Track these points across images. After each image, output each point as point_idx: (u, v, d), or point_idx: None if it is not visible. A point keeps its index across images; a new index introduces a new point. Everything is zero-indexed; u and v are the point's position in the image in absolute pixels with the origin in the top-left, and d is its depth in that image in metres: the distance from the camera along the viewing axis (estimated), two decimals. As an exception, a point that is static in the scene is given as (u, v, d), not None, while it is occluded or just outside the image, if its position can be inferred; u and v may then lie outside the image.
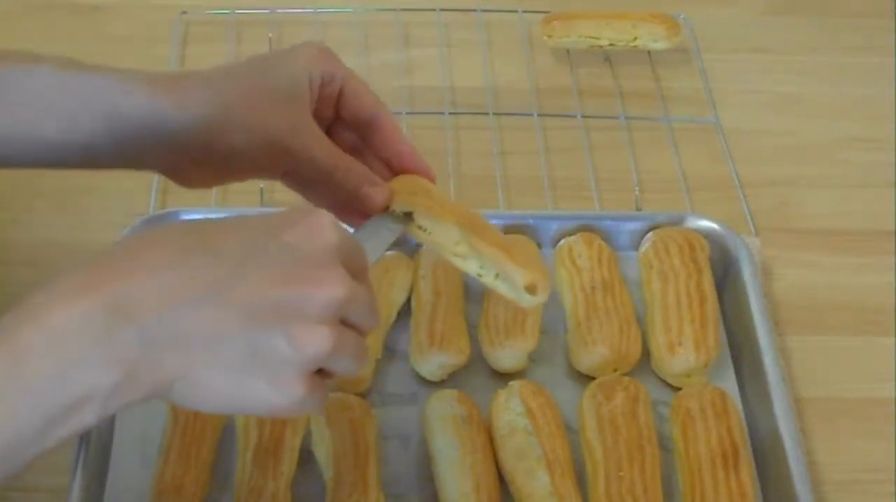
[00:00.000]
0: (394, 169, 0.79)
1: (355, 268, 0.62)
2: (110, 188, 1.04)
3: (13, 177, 1.05)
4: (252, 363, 0.58)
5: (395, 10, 1.22)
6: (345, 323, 0.60)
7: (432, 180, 0.79)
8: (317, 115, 0.76)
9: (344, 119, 0.78)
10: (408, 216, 0.76)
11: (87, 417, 0.56)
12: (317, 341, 0.58)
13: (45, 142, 0.73)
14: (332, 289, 0.59)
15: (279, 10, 1.21)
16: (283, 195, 1.02)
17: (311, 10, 1.22)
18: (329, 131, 0.78)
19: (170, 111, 0.71)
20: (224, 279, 0.57)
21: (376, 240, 0.73)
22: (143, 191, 1.02)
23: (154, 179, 1.03)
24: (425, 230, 0.76)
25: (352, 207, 0.76)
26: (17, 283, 0.96)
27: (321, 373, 0.60)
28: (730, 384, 0.89)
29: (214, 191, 1.02)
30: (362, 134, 0.78)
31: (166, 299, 0.56)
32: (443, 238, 0.76)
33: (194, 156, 0.73)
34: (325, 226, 0.60)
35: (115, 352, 0.56)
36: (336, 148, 0.76)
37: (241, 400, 0.59)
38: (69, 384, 0.55)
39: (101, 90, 0.72)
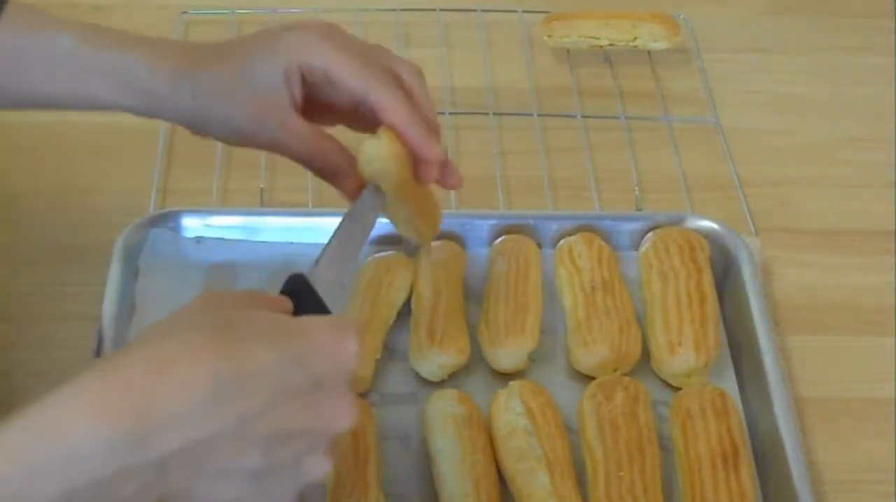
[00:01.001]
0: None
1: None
2: (110, 188, 1.04)
3: (13, 178, 1.05)
4: (254, 487, 0.58)
5: (395, 10, 1.22)
6: None
7: (432, 158, 0.76)
8: (313, 101, 0.77)
9: (339, 106, 0.78)
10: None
11: None
12: (318, 470, 0.60)
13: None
14: (345, 419, 0.60)
15: (279, 10, 1.21)
16: (282, 196, 1.03)
17: (312, 10, 1.22)
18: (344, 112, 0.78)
19: (165, 93, 0.77)
20: (250, 416, 0.57)
21: (364, 223, 0.75)
22: (143, 191, 1.02)
23: (154, 179, 1.03)
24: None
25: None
26: (17, 283, 0.96)
27: None
28: (730, 384, 0.89)
29: (214, 192, 1.02)
30: (367, 113, 0.77)
31: (191, 432, 0.56)
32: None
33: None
34: (351, 355, 0.61)
35: (131, 477, 0.55)
36: (314, 136, 0.77)
37: None
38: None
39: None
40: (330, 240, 0.73)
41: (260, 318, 0.61)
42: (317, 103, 0.78)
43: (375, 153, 0.74)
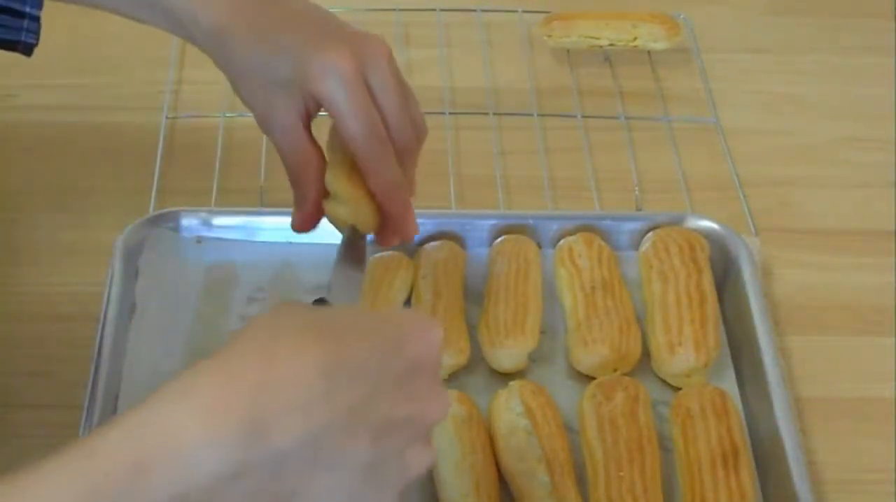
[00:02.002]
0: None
1: None
2: (110, 188, 1.04)
3: (13, 177, 1.05)
4: (364, 483, 0.57)
5: (395, 10, 1.22)
6: None
7: (408, 234, 0.82)
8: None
9: None
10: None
11: None
12: (422, 461, 0.59)
13: None
14: (442, 407, 0.60)
15: (279, 10, 1.21)
16: (282, 196, 1.02)
17: (311, 10, 1.22)
18: None
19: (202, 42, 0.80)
20: (361, 403, 0.56)
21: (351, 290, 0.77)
22: (143, 191, 1.02)
23: (154, 179, 1.03)
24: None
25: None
26: (18, 283, 0.96)
27: None
28: (730, 384, 0.89)
29: (214, 192, 1.02)
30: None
31: (306, 424, 0.54)
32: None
33: None
34: (437, 341, 0.60)
35: (247, 474, 0.53)
36: (306, 153, 0.79)
37: None
38: None
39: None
40: (335, 264, 0.76)
41: (345, 312, 0.61)
42: None
43: (348, 218, 0.79)
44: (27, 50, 0.86)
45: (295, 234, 0.95)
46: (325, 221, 0.83)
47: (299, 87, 0.76)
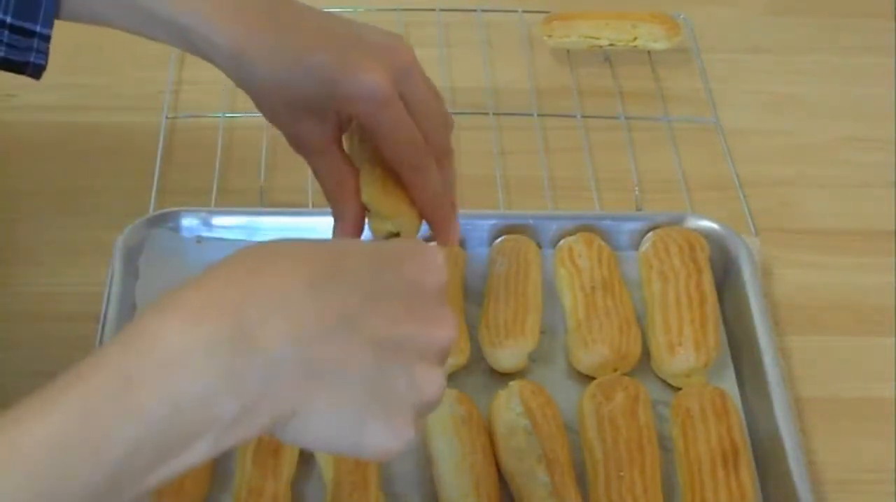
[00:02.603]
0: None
1: None
2: (110, 188, 1.04)
3: (13, 178, 1.05)
4: (372, 402, 0.55)
5: (395, 10, 1.22)
6: None
7: (452, 238, 0.80)
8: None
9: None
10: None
11: (198, 454, 0.52)
12: (435, 384, 0.56)
13: None
14: (449, 330, 0.58)
15: (279, 10, 1.21)
16: (282, 196, 1.03)
17: (311, 10, 1.21)
18: None
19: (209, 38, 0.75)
20: (354, 311, 0.54)
21: None
22: (143, 191, 1.02)
23: (154, 179, 1.03)
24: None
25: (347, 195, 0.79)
26: (17, 283, 0.96)
27: None
28: (730, 384, 0.89)
29: (214, 192, 1.02)
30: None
31: (294, 328, 0.53)
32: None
33: None
34: (440, 264, 0.59)
35: (237, 383, 0.51)
36: (341, 173, 0.77)
37: (356, 439, 0.55)
38: (183, 417, 0.50)
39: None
40: None
41: (344, 241, 0.62)
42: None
43: (392, 228, 0.77)
44: (36, 72, 0.82)
45: (296, 234, 0.95)
46: (325, 221, 0.83)
47: (329, 108, 0.75)
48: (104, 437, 0.50)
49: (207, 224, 0.96)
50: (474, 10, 1.23)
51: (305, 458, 0.83)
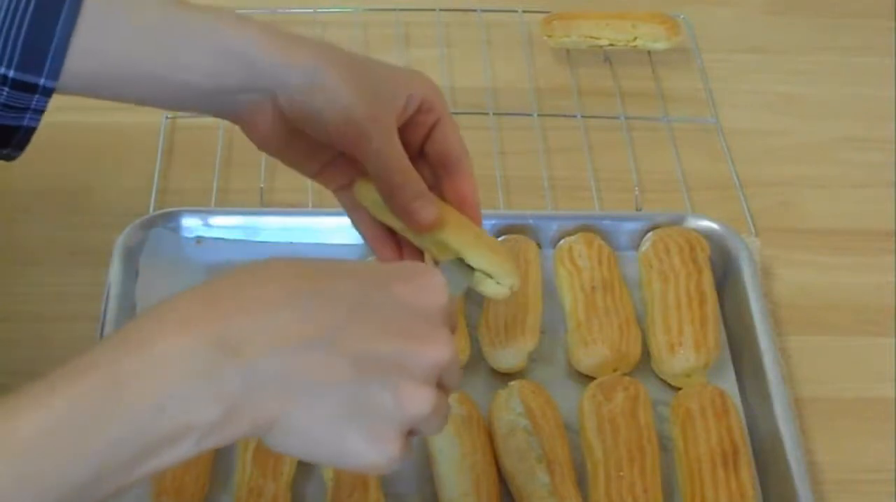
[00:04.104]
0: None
1: (453, 330, 0.62)
2: (110, 188, 1.04)
3: (13, 177, 1.05)
4: (353, 415, 0.56)
5: (395, 10, 1.22)
6: (439, 384, 0.60)
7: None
8: (403, 137, 0.75)
9: (427, 154, 0.78)
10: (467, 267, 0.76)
11: (182, 451, 0.54)
12: (420, 401, 0.57)
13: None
14: (440, 349, 0.58)
15: (279, 11, 1.21)
16: (282, 196, 1.03)
17: (311, 10, 1.22)
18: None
19: (276, 64, 0.73)
20: (335, 325, 0.56)
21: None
22: (143, 191, 1.02)
23: (154, 179, 1.03)
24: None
25: (386, 234, 0.78)
26: (18, 283, 0.96)
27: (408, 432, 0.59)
28: (730, 384, 0.89)
29: (214, 192, 1.02)
30: (439, 173, 0.77)
31: (276, 340, 0.55)
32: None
33: (274, 111, 0.74)
34: (438, 286, 0.60)
35: (219, 388, 0.54)
36: (405, 156, 0.75)
37: (337, 451, 0.57)
38: (168, 417, 0.53)
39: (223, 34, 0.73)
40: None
41: (339, 261, 0.62)
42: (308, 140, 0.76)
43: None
44: (22, 141, 0.76)
45: (296, 234, 0.95)
46: (325, 221, 0.83)
47: (405, 94, 0.76)
48: (90, 433, 0.52)
49: (207, 224, 0.96)
50: (474, 10, 1.23)
51: (305, 458, 0.83)
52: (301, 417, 0.55)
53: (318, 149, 0.77)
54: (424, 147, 0.78)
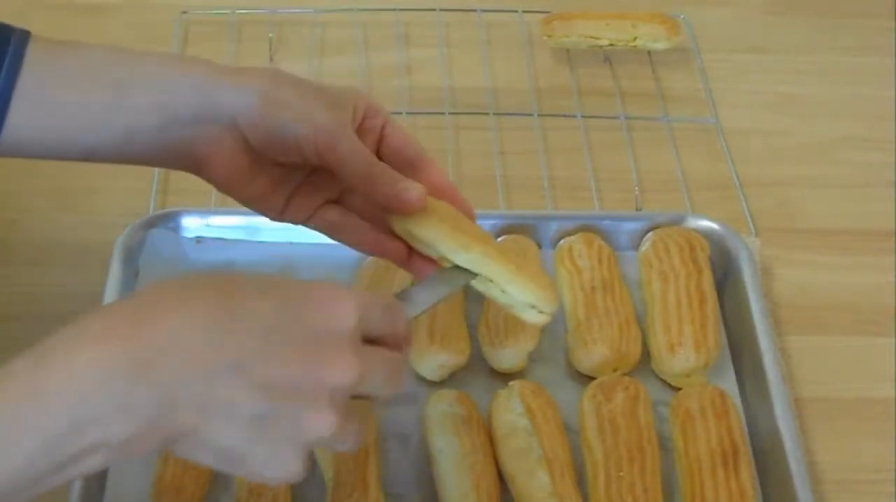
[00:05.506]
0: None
1: (387, 336, 0.64)
2: (110, 188, 1.04)
3: (13, 178, 1.05)
4: (258, 436, 0.59)
5: (395, 10, 1.22)
6: (359, 395, 0.62)
7: (472, 217, 0.78)
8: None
9: (385, 157, 0.77)
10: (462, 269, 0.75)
11: (97, 462, 0.57)
12: (319, 426, 0.60)
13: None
14: (342, 373, 0.60)
15: (279, 11, 1.21)
16: (283, 195, 1.03)
17: (312, 10, 1.22)
18: None
19: (228, 88, 0.73)
20: (246, 355, 0.58)
21: (429, 292, 0.73)
22: (143, 191, 1.02)
23: (154, 179, 1.03)
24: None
25: (376, 237, 0.78)
26: (17, 283, 0.96)
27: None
28: (730, 384, 0.89)
29: (214, 192, 1.02)
30: (403, 170, 0.77)
31: (189, 363, 0.57)
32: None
33: (235, 141, 0.74)
34: (347, 311, 0.61)
35: (132, 410, 0.56)
36: (373, 153, 0.76)
37: (240, 464, 0.60)
38: (83, 434, 0.56)
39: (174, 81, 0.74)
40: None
41: (259, 278, 0.63)
42: (262, 160, 0.76)
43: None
44: None
45: (295, 234, 0.95)
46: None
47: (351, 103, 0.76)
48: (8, 445, 0.55)
49: (207, 224, 0.96)
50: (474, 10, 1.23)
51: (305, 458, 0.83)
52: (209, 435, 0.59)
53: (282, 178, 0.77)
54: (380, 151, 0.78)
